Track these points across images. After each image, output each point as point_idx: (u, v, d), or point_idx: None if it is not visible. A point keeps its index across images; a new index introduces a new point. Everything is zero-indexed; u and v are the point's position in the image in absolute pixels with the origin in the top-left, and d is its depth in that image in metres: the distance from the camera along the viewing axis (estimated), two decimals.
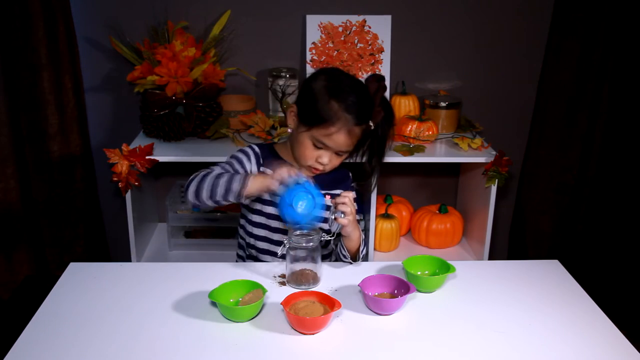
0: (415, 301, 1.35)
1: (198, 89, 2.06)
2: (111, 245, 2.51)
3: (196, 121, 2.07)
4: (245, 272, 1.45)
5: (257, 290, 1.30)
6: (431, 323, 1.28)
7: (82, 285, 1.38)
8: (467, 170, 2.34)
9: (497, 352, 1.19)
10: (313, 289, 1.37)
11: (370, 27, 2.27)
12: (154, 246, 2.28)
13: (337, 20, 2.25)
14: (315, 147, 1.49)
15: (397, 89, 2.35)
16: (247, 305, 1.25)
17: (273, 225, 1.61)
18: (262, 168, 1.57)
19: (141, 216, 2.16)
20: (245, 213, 1.65)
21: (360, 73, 2.28)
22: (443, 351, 1.18)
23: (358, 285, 1.32)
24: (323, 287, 1.39)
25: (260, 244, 1.63)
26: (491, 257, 2.21)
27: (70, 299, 1.32)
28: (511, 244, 2.63)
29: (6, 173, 2.12)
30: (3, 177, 2.12)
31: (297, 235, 1.38)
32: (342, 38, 2.27)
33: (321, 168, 1.52)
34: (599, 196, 2.48)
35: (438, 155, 2.08)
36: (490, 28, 2.33)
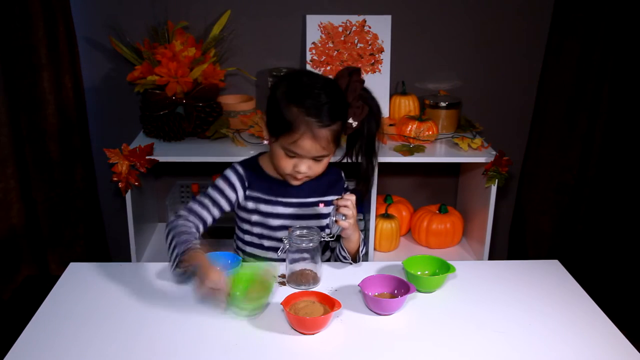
0: (415, 301, 1.35)
1: (198, 89, 2.06)
2: (111, 245, 2.51)
3: (196, 121, 2.07)
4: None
5: (263, 282, 1.29)
6: (431, 323, 1.27)
7: (82, 285, 1.38)
8: (467, 170, 2.34)
9: (497, 352, 1.19)
10: (313, 289, 1.37)
11: (370, 27, 2.27)
12: (154, 246, 2.28)
13: (337, 20, 2.25)
14: (288, 156, 1.41)
15: (397, 89, 2.35)
16: (256, 297, 1.26)
17: (266, 244, 1.56)
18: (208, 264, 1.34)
19: (141, 216, 2.16)
20: (238, 224, 1.61)
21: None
22: (443, 351, 1.18)
23: (358, 285, 1.32)
24: (323, 287, 1.38)
25: (253, 252, 1.60)
26: (491, 257, 2.21)
27: (70, 299, 1.32)
28: (511, 244, 2.63)
29: (6, 173, 2.12)
30: (3, 177, 2.12)
31: (297, 235, 1.38)
32: (342, 38, 2.27)
33: (300, 177, 1.45)
34: (599, 196, 2.48)
35: (438, 155, 2.08)
36: (490, 28, 2.33)
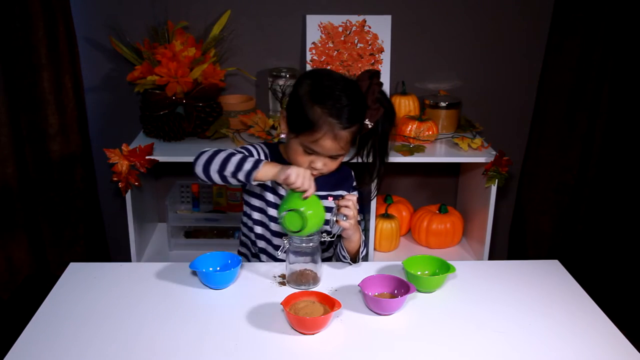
0: (415, 301, 1.35)
1: (198, 89, 2.06)
2: (111, 245, 2.51)
3: (196, 121, 2.07)
4: (245, 272, 1.45)
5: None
6: (431, 323, 1.27)
7: (82, 285, 1.38)
8: (467, 170, 2.34)
9: (497, 352, 1.19)
10: (313, 289, 1.37)
11: (370, 27, 2.27)
12: (154, 246, 2.28)
13: (337, 20, 2.25)
14: (306, 153, 1.46)
15: (397, 89, 2.35)
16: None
17: (273, 227, 1.60)
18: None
19: (141, 216, 2.16)
20: (247, 210, 1.65)
21: None
22: (443, 351, 1.18)
23: (358, 285, 1.32)
24: (323, 287, 1.39)
25: (259, 242, 1.63)
26: (491, 257, 2.21)
27: (70, 299, 1.32)
28: (511, 244, 2.63)
29: (6, 173, 2.12)
30: (3, 177, 2.12)
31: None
32: (342, 38, 2.27)
33: (316, 173, 1.49)
34: (599, 196, 2.48)
35: (438, 155, 2.08)
36: (490, 28, 2.33)
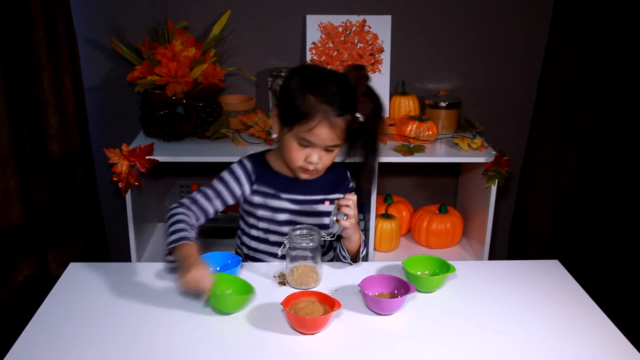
0: (415, 301, 1.35)
1: (198, 89, 2.06)
2: (111, 245, 2.50)
3: (196, 121, 2.07)
4: (245, 272, 1.45)
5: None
6: (431, 323, 1.27)
7: (82, 285, 1.38)
8: (467, 170, 2.34)
9: (497, 352, 1.19)
10: (313, 289, 1.37)
11: (370, 27, 2.27)
12: (154, 246, 2.28)
13: (337, 20, 2.25)
14: (301, 146, 1.46)
15: (397, 89, 2.35)
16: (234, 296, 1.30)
17: (271, 239, 1.59)
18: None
19: (141, 216, 2.16)
20: (244, 217, 1.64)
21: None
22: (443, 351, 1.18)
23: (358, 285, 1.32)
24: (323, 287, 1.39)
25: (258, 247, 1.62)
26: (491, 257, 2.21)
27: (70, 299, 1.32)
28: (511, 244, 2.63)
29: (6, 173, 2.12)
30: (3, 177, 2.12)
31: (297, 235, 1.38)
32: (342, 38, 2.27)
33: (312, 168, 1.48)
34: (599, 196, 2.48)
35: (438, 155, 2.08)
36: (490, 28, 2.33)
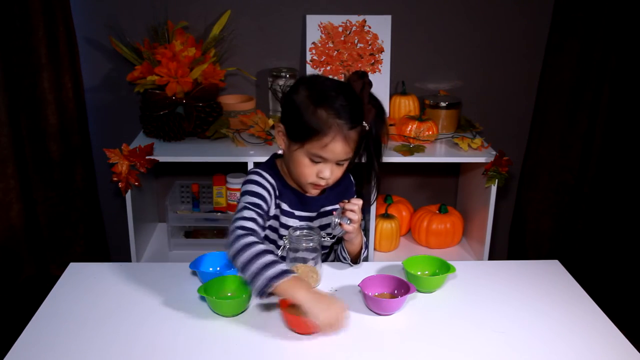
0: (415, 301, 1.35)
1: (198, 89, 2.06)
2: (111, 245, 2.50)
3: (196, 121, 2.07)
4: None
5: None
6: (431, 323, 1.27)
7: (82, 285, 1.38)
8: (467, 170, 2.34)
9: (497, 352, 1.18)
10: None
11: (370, 27, 2.27)
12: (154, 246, 2.28)
13: (337, 20, 2.25)
14: (312, 163, 1.37)
15: (397, 89, 2.35)
16: (232, 299, 1.28)
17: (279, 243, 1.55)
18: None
19: (141, 216, 2.16)
20: None
21: None
22: (443, 351, 1.18)
23: (358, 285, 1.32)
24: (323, 287, 1.38)
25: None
26: (491, 257, 2.21)
27: (70, 299, 1.32)
28: (511, 244, 2.63)
29: (6, 173, 2.12)
30: (3, 177, 2.12)
31: (297, 235, 1.38)
32: (342, 38, 2.27)
33: (324, 183, 1.42)
34: (599, 196, 2.48)
35: (438, 155, 2.08)
36: (490, 28, 2.33)
